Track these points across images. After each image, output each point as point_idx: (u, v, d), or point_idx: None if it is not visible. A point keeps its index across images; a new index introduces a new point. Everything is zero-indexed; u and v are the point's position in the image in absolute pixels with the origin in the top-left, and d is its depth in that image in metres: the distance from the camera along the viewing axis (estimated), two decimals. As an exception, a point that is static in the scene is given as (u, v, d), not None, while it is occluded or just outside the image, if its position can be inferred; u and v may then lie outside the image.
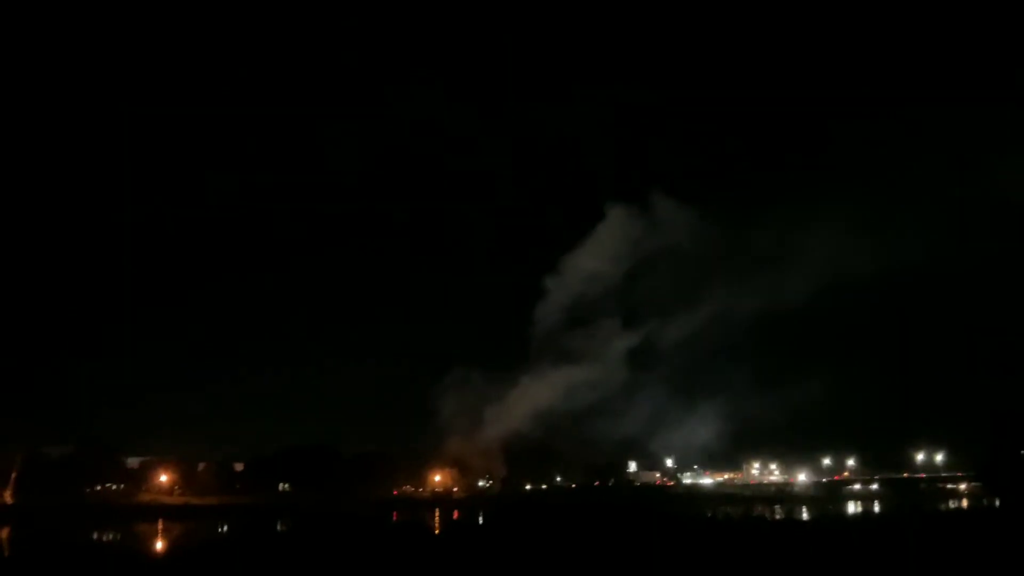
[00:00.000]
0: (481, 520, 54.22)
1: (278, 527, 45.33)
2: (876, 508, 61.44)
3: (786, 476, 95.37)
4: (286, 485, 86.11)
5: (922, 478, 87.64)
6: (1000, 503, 54.57)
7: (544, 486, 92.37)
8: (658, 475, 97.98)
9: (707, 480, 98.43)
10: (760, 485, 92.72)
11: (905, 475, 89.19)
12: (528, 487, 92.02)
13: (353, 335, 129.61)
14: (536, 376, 78.68)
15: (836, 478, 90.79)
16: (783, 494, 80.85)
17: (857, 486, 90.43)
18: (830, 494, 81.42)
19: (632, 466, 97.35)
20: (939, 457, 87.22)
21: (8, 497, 68.47)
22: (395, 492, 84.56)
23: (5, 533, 47.62)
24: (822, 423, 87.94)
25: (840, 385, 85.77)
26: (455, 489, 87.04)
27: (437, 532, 39.49)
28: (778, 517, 49.68)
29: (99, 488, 75.60)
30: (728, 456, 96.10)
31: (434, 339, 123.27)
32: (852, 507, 63.14)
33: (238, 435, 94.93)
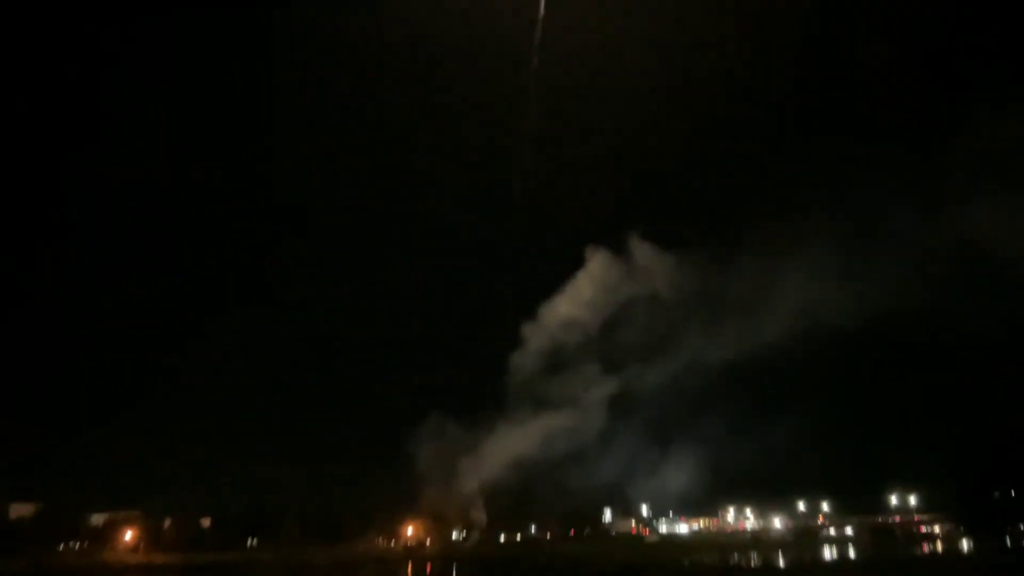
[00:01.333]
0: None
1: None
2: (852, 553, 61.26)
3: (761, 522, 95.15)
4: (254, 541, 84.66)
5: (897, 521, 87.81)
6: (974, 544, 54.77)
7: (519, 537, 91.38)
8: (634, 523, 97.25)
9: (683, 527, 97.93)
10: (735, 532, 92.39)
11: (880, 519, 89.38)
12: (503, 538, 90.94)
13: (325, 385, 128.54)
14: (513, 424, 78.16)
15: (811, 523, 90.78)
16: (758, 541, 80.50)
17: (832, 531, 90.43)
18: (805, 540, 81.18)
19: (608, 514, 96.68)
20: (913, 499, 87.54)
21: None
22: (367, 546, 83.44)
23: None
24: (796, 468, 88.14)
25: (814, 430, 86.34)
26: (428, 543, 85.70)
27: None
28: (754, 565, 49.32)
29: (62, 548, 74.07)
30: (703, 502, 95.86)
31: (411, 388, 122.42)
32: (828, 553, 62.87)
33: (205, 489, 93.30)
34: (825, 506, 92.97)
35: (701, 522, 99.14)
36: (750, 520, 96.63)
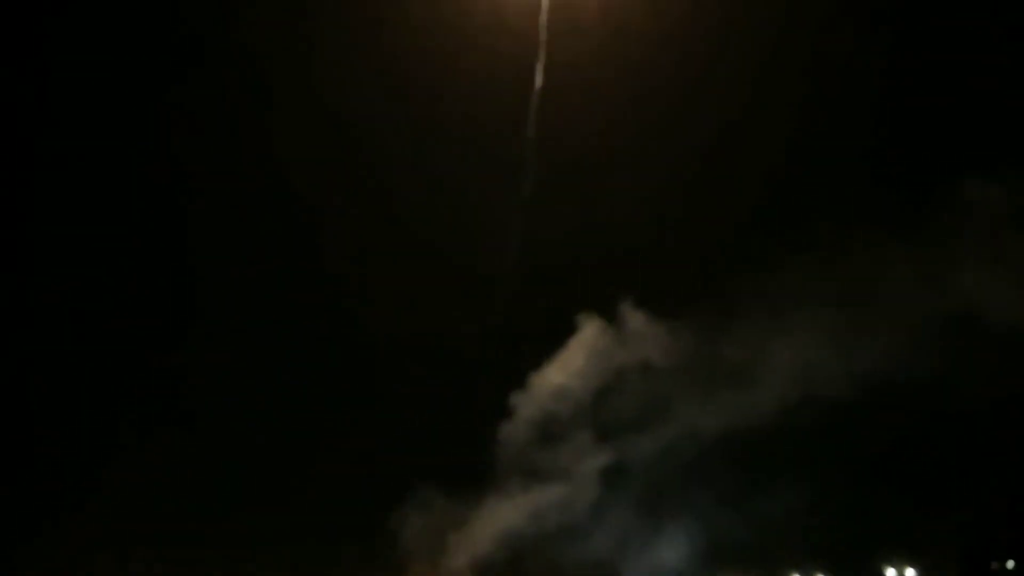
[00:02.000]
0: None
1: None
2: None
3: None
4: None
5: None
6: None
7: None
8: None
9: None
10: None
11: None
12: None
13: (304, 460, 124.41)
14: (502, 497, 75.73)
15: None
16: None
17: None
18: (802, 615, 79.48)
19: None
20: (911, 573, 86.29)
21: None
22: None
23: None
24: (791, 540, 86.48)
25: (810, 501, 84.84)
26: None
27: None
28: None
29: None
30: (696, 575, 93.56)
31: (394, 459, 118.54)
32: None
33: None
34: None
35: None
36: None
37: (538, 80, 27.55)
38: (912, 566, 79.03)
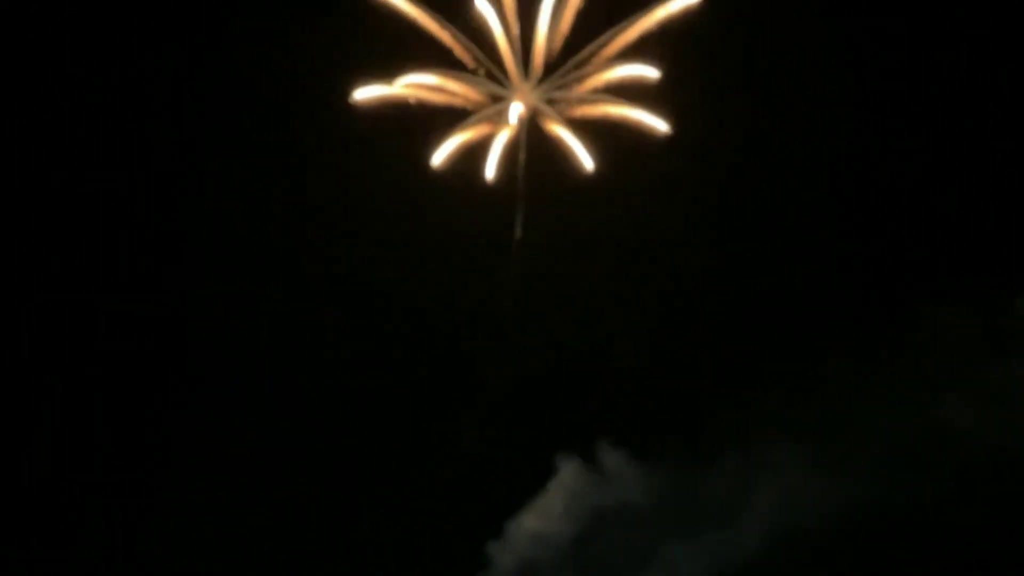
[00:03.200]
0: None
1: None
2: None
3: None
4: None
5: None
6: None
7: None
8: None
9: None
10: None
11: None
12: None
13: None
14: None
15: None
16: None
17: None
18: None
19: None
20: None
21: None
22: None
23: None
24: None
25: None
26: None
27: None
28: None
29: None
30: None
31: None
32: None
33: None
34: None
35: None
36: None
37: (518, 231, 28.69)
38: None
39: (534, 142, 28.15)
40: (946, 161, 29.25)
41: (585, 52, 27.90)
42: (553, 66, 28.39)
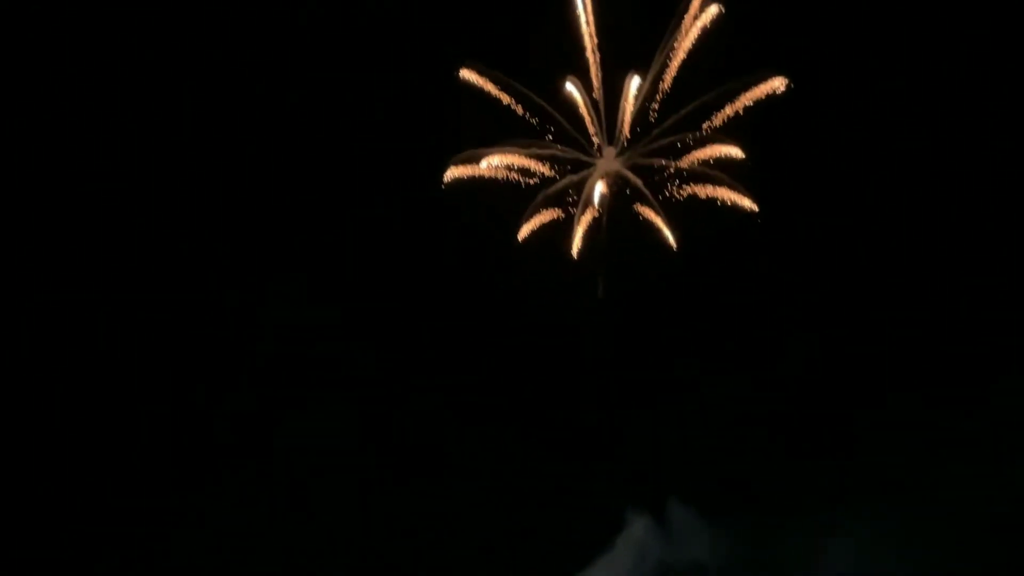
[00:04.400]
0: None
1: None
2: None
3: None
4: None
5: None
6: None
7: None
8: None
9: None
10: None
11: None
12: None
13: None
14: None
15: None
16: None
17: None
18: None
19: None
20: None
21: None
22: None
23: None
24: None
25: None
26: None
27: None
28: None
29: None
30: None
31: None
32: None
33: None
34: None
35: None
36: None
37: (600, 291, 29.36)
38: None
39: (619, 214, 29.11)
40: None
41: (670, 121, 28.51)
42: (638, 136, 29.15)
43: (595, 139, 28.92)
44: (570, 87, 27.99)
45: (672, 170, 28.56)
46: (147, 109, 29.50)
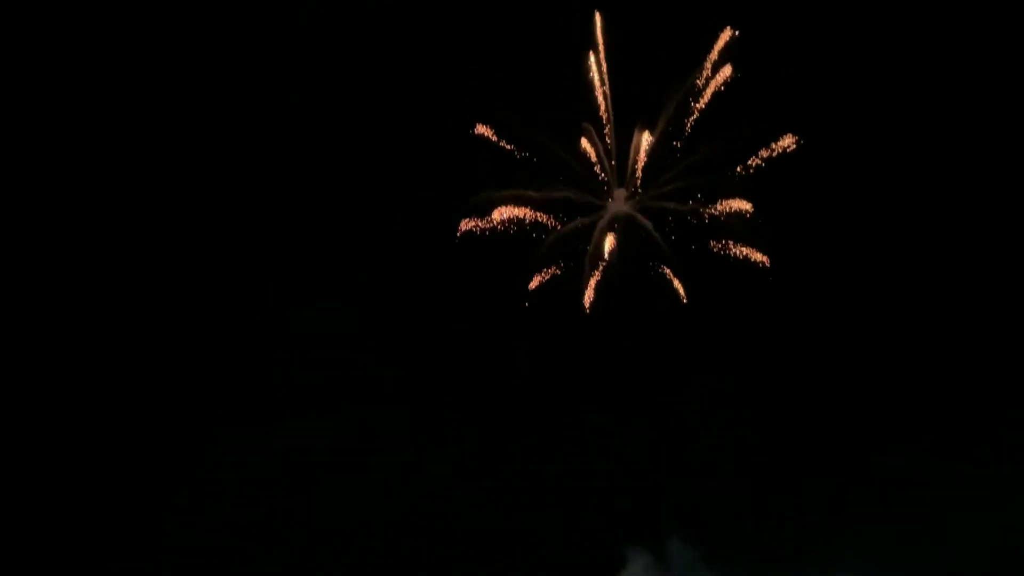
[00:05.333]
0: None
1: None
2: None
3: None
4: None
5: None
6: None
7: None
8: None
9: None
10: None
11: None
12: None
13: None
14: None
15: None
16: None
17: None
18: None
19: None
20: None
21: None
22: None
23: None
24: None
25: None
26: None
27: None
28: None
29: None
30: None
31: None
32: None
33: None
34: None
35: None
36: None
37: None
38: None
39: (629, 263, 29.72)
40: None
41: (682, 166, 28.87)
42: (648, 183, 29.43)
43: (605, 184, 29.22)
44: (584, 141, 28.76)
45: (683, 214, 28.94)
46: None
